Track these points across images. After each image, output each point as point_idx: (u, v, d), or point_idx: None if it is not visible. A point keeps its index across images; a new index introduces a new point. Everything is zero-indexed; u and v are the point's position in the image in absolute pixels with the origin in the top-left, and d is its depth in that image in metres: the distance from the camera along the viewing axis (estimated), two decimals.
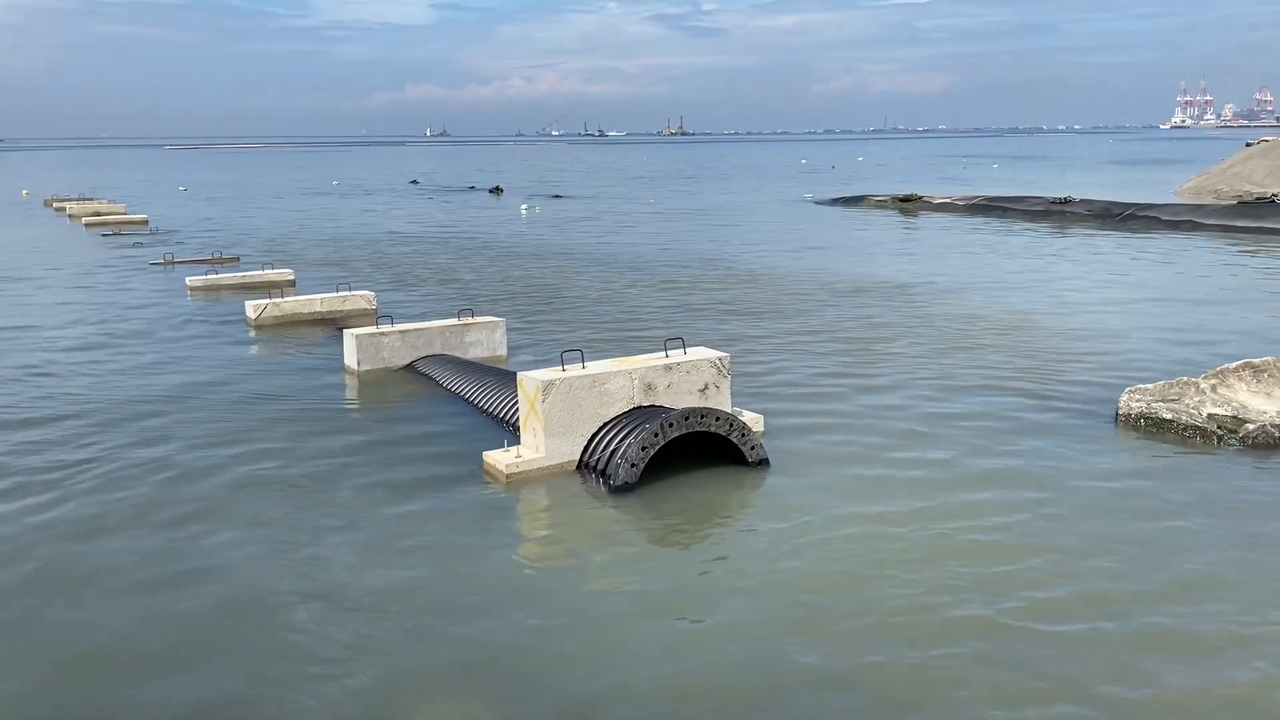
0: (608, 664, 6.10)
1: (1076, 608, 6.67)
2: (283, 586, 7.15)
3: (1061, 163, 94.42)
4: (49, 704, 5.77)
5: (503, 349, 14.62)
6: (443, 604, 6.89)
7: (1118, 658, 6.03)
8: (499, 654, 6.22)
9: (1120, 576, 7.11)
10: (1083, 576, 7.12)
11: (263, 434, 10.76)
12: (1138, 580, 7.05)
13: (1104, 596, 6.82)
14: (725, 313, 18.12)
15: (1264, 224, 30.50)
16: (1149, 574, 7.15)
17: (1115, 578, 7.09)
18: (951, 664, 6.00)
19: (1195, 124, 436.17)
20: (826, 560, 7.46)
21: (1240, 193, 40.18)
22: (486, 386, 11.74)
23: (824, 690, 5.78)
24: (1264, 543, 7.66)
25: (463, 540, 7.98)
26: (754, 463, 9.44)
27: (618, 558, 7.77)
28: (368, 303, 18.67)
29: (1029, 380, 12.59)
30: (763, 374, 13.07)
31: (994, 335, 15.50)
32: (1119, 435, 10.39)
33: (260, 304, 17.74)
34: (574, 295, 20.49)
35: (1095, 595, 6.84)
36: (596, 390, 9.55)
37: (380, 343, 13.67)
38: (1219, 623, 6.41)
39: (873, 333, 15.91)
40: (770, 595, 6.94)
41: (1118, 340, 15.09)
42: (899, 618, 6.56)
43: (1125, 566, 7.27)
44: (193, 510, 8.59)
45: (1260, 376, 10.69)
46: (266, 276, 22.14)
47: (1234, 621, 6.43)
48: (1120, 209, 35.42)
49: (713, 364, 10.19)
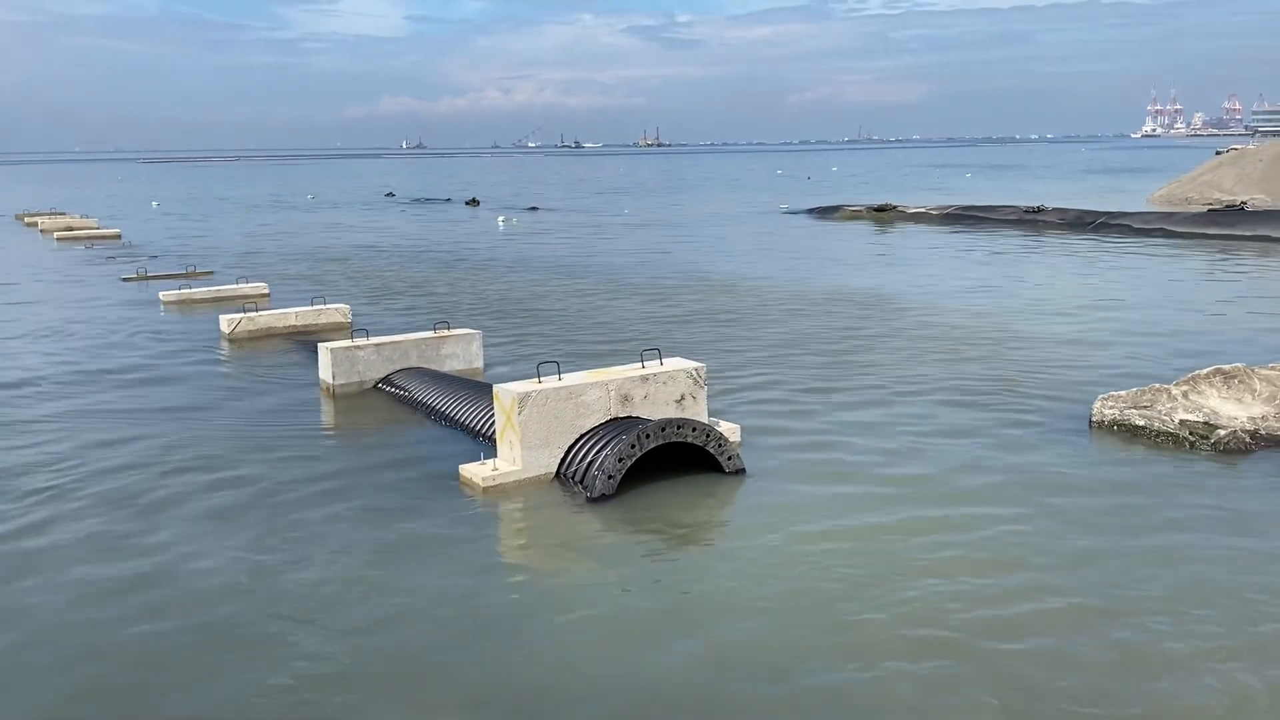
0: (581, 673, 6.08)
1: (1051, 621, 6.70)
2: (257, 602, 7.09)
3: (1034, 172, 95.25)
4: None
5: (479, 361, 14.57)
6: (419, 617, 6.84)
7: (1094, 673, 6.06)
8: (475, 664, 6.19)
9: (1097, 588, 7.15)
10: (1057, 589, 7.15)
11: (237, 448, 10.68)
12: (1115, 593, 7.09)
13: (1082, 609, 6.85)
14: (702, 323, 18.15)
15: (1233, 231, 30.87)
16: (1127, 585, 7.19)
17: (1092, 590, 7.13)
18: (922, 679, 6.01)
19: (1166, 133, 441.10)
20: (801, 570, 7.47)
21: (1210, 200, 40.66)
22: (463, 399, 11.70)
23: (793, 706, 5.78)
24: (1240, 553, 7.72)
25: (439, 553, 7.94)
26: (731, 472, 9.45)
27: (594, 569, 7.74)
28: (343, 316, 18.59)
29: (1002, 389, 12.66)
30: (739, 384, 13.09)
31: (968, 344, 15.59)
32: (1092, 442, 10.46)
33: (234, 318, 17.63)
34: (551, 307, 20.48)
35: (1073, 608, 6.87)
36: (573, 402, 9.54)
37: (355, 356, 13.60)
38: (1195, 635, 6.46)
39: (848, 343, 15.97)
40: (745, 605, 6.94)
41: (1090, 348, 15.21)
42: (870, 631, 6.57)
43: (1101, 578, 7.31)
44: (164, 527, 8.50)
45: (1231, 383, 10.79)
46: (240, 290, 22.01)
47: (1210, 633, 6.47)
48: (1092, 217, 35.76)
49: (689, 375, 10.19)
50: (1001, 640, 6.36)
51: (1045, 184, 68.23)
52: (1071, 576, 7.27)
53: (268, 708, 5.78)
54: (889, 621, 6.64)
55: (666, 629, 6.67)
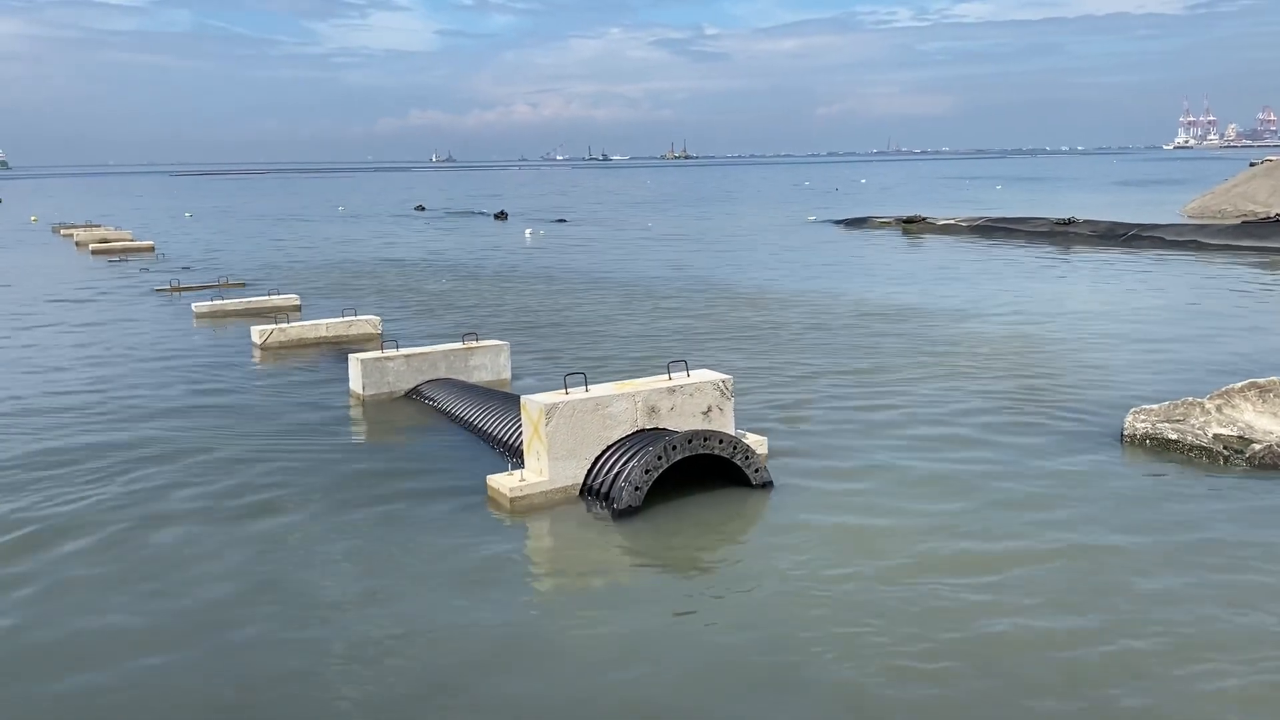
0: (609, 688, 6.07)
1: (1086, 638, 6.63)
2: (284, 609, 7.14)
3: (1065, 184, 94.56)
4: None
5: (507, 373, 14.63)
6: (445, 628, 6.87)
7: (1130, 687, 6.00)
8: (502, 679, 6.20)
9: (1130, 604, 7.07)
10: (1091, 606, 7.08)
11: (268, 458, 10.77)
12: (1151, 609, 7.02)
13: (1118, 625, 6.78)
14: (728, 335, 18.13)
15: (1268, 244, 30.49)
16: (1162, 601, 7.11)
17: (1127, 605, 7.05)
18: (954, 695, 5.97)
19: (1199, 144, 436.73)
20: (830, 586, 7.43)
21: (1244, 213, 40.21)
22: (490, 410, 11.75)
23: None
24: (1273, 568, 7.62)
25: (465, 564, 7.96)
26: (758, 485, 9.43)
27: (621, 582, 7.75)
28: (373, 327, 18.72)
29: (1033, 402, 12.56)
30: (767, 396, 13.06)
31: (998, 357, 15.49)
32: (1124, 456, 10.36)
33: (266, 329, 17.79)
34: (578, 319, 20.53)
35: (1110, 624, 6.80)
36: (600, 413, 9.55)
37: (385, 367, 13.70)
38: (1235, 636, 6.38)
39: (877, 355, 15.90)
40: (773, 620, 6.91)
41: (1122, 361, 15.07)
42: (903, 646, 6.53)
43: (1136, 589, 7.23)
44: (193, 538, 8.59)
45: (1266, 397, 10.66)
46: (272, 302, 22.21)
47: (1237, 642, 6.39)
48: (1124, 229, 35.45)
49: (716, 386, 10.19)
50: (1047, 652, 6.30)
51: (1076, 196, 67.71)
52: (1109, 587, 7.19)
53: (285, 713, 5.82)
54: (921, 640, 6.60)
55: (692, 646, 6.66)
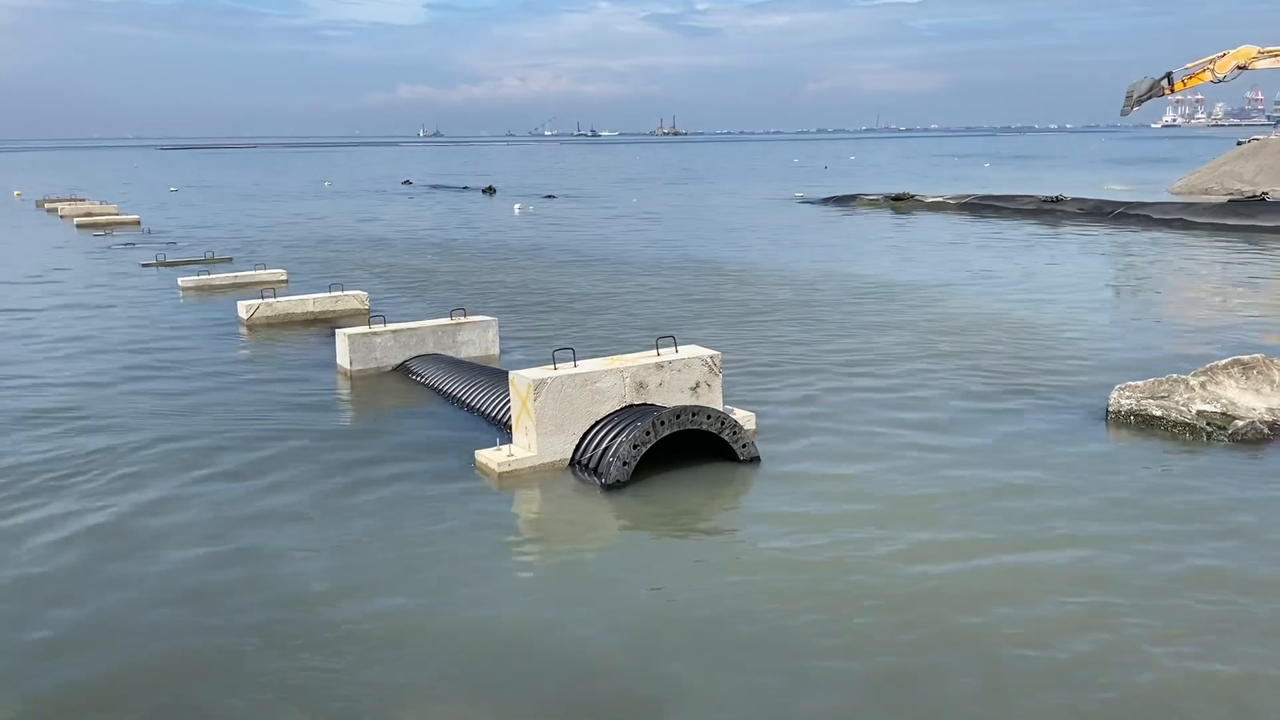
0: (600, 661, 6.12)
1: (1073, 617, 6.70)
2: (271, 586, 7.16)
3: (1053, 161, 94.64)
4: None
5: (495, 348, 14.63)
6: (434, 603, 6.90)
7: (1109, 663, 6.07)
8: (492, 653, 6.24)
9: (1118, 580, 7.15)
10: (1079, 580, 7.15)
11: (255, 434, 10.76)
12: (1135, 586, 7.09)
13: (1106, 609, 6.86)
14: (717, 311, 18.14)
15: (1254, 222, 30.62)
16: (1148, 573, 7.19)
17: (1112, 580, 7.12)
18: (939, 668, 6.03)
19: (1187, 122, 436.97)
20: (817, 559, 7.49)
21: (1231, 191, 40.32)
22: (479, 385, 11.75)
23: (817, 692, 5.81)
24: (1257, 544, 7.71)
25: (454, 539, 7.99)
26: (745, 460, 9.47)
27: (609, 556, 7.79)
28: (360, 302, 18.67)
29: (1020, 378, 12.63)
30: (754, 372, 13.10)
31: (984, 334, 15.55)
32: (1109, 433, 10.43)
33: (253, 304, 17.73)
34: (566, 294, 20.51)
35: (1097, 607, 6.88)
36: (588, 388, 9.57)
37: (372, 342, 13.67)
38: (1209, 618, 6.46)
39: (864, 331, 15.95)
40: (759, 593, 6.96)
41: (1108, 338, 15.15)
42: (886, 618, 6.59)
43: (1122, 567, 7.30)
44: (179, 512, 8.59)
45: (1249, 374, 10.74)
46: (259, 276, 22.12)
47: (1225, 620, 6.47)
48: (1111, 207, 35.53)
49: (704, 362, 10.21)
50: (1031, 625, 6.37)
51: (1064, 173, 67.81)
52: (1095, 561, 7.26)
53: (272, 689, 5.85)
54: (905, 611, 6.66)
55: (679, 618, 6.71)
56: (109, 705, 5.73)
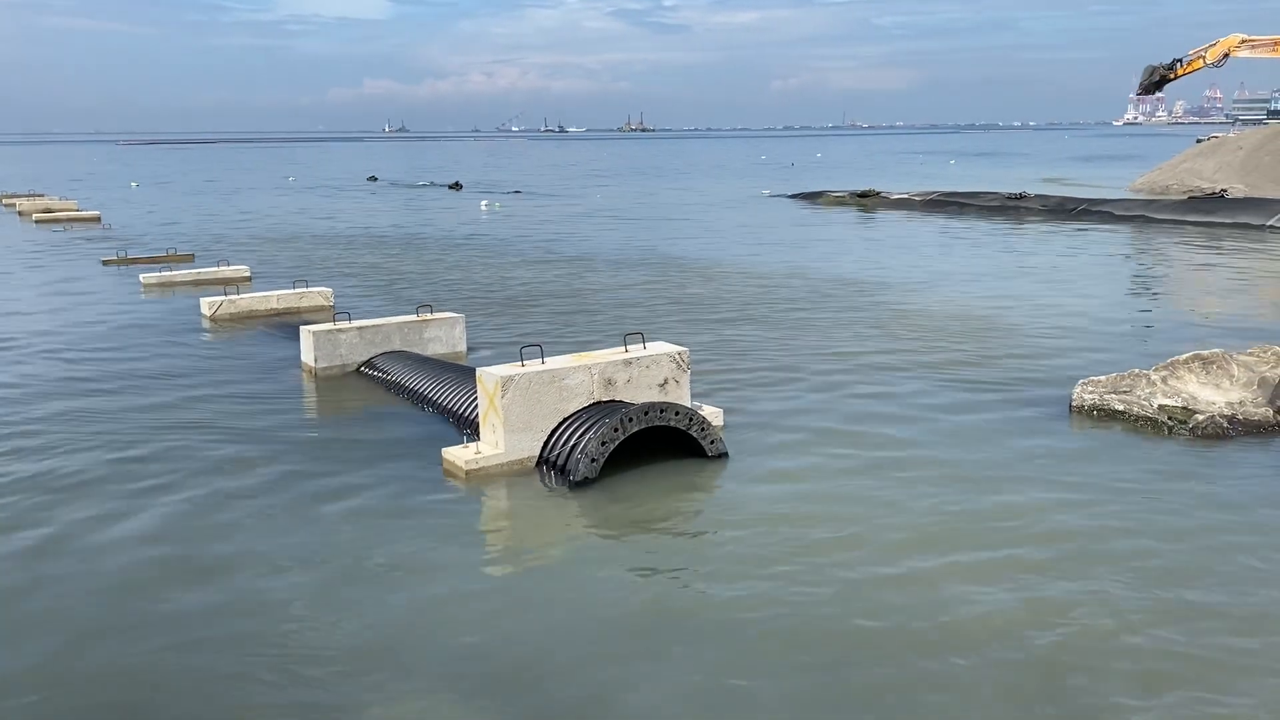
0: (566, 658, 6.10)
1: (1032, 609, 6.77)
2: (236, 584, 7.08)
3: (1017, 159, 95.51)
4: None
5: (462, 345, 14.55)
6: (401, 602, 6.85)
7: (1058, 653, 6.13)
8: (458, 652, 6.20)
9: (1079, 573, 7.21)
10: (1040, 573, 7.21)
11: (219, 432, 10.64)
12: (1104, 578, 7.16)
13: (1070, 597, 6.92)
14: (685, 308, 18.16)
15: (1213, 218, 31.07)
16: (1106, 567, 7.26)
17: (1073, 574, 7.19)
18: (911, 665, 6.07)
19: (1148, 120, 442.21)
20: (785, 553, 7.50)
21: (1190, 188, 40.88)
22: (445, 383, 11.68)
23: (783, 689, 5.82)
24: (1220, 536, 7.81)
25: (421, 538, 7.94)
26: (713, 456, 9.48)
27: (577, 553, 7.77)
28: (325, 299, 18.52)
29: (985, 373, 12.73)
30: (722, 368, 13.11)
31: (948, 330, 15.66)
32: (1072, 427, 10.54)
33: (216, 301, 17.54)
34: (534, 291, 20.45)
35: (1062, 597, 6.94)
36: (556, 386, 9.54)
37: (338, 339, 13.56)
38: (1164, 601, 6.54)
39: (831, 328, 16.01)
40: (728, 587, 6.97)
41: (1071, 333, 15.31)
42: (852, 612, 6.61)
43: (1082, 561, 7.37)
44: (140, 511, 8.47)
45: (1209, 368, 10.88)
46: (222, 273, 21.89)
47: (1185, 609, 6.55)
48: (1074, 204, 35.92)
49: (672, 359, 10.21)
50: (990, 621, 6.42)
51: (1027, 171, 68.42)
52: (1055, 556, 7.32)
53: (228, 696, 5.79)
54: (873, 606, 6.69)
55: (649, 615, 6.70)
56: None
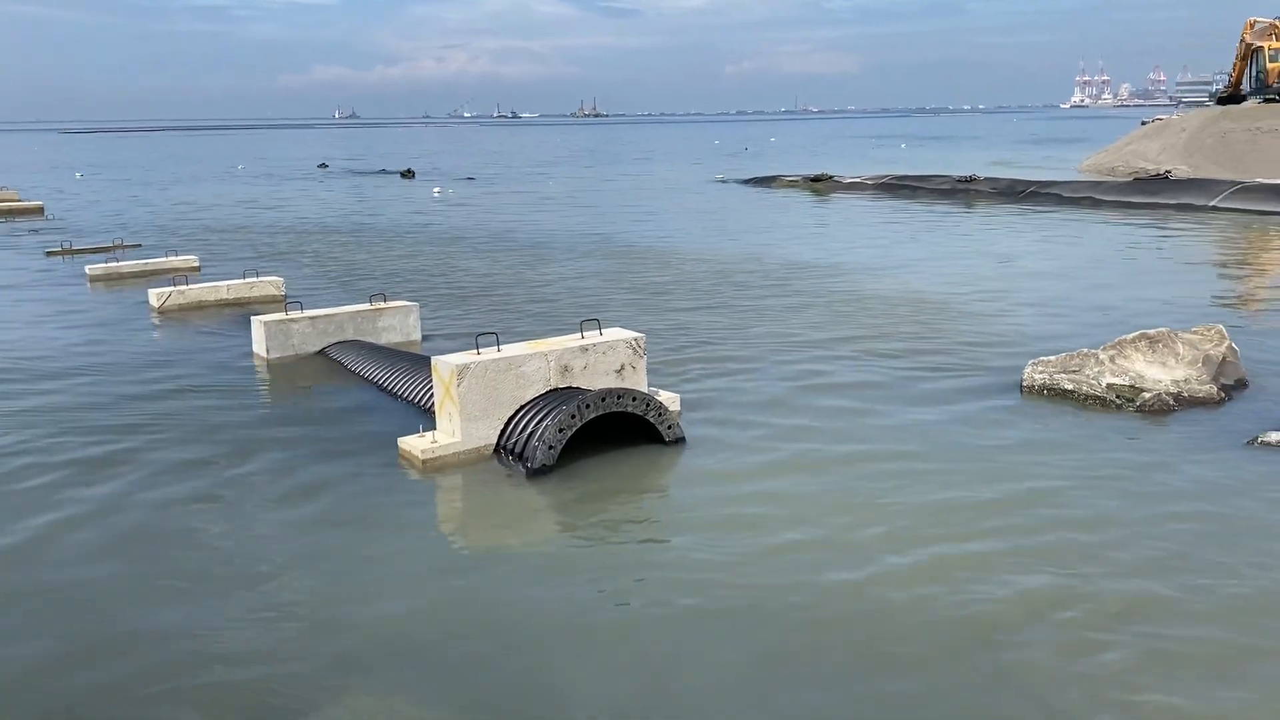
0: (525, 647, 6.11)
1: (1001, 592, 6.87)
2: (184, 576, 7.00)
3: (967, 142, 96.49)
4: None
5: (417, 334, 14.46)
6: (356, 594, 6.81)
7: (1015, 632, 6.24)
8: (415, 643, 6.18)
9: (1030, 554, 7.33)
10: (994, 551, 7.32)
11: (169, 424, 10.49)
12: (1052, 557, 7.29)
13: (1025, 576, 7.03)
14: (640, 294, 18.16)
15: (1158, 199, 31.61)
16: (1059, 543, 7.39)
17: (1024, 555, 7.31)
18: (866, 646, 6.14)
19: (1094, 103, 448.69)
20: (742, 538, 7.56)
21: (1135, 170, 41.53)
22: (400, 372, 11.61)
23: (737, 677, 5.87)
24: (1164, 515, 7.97)
25: (377, 528, 7.89)
26: (671, 441, 9.51)
27: (535, 540, 7.77)
28: (276, 289, 18.30)
29: (936, 355, 12.87)
30: (678, 354, 13.15)
31: (903, 311, 15.81)
32: (1023, 406, 10.70)
33: (164, 291, 17.27)
34: (488, 278, 20.35)
35: (1019, 576, 7.05)
36: (512, 373, 9.51)
37: (290, 329, 13.41)
38: (1114, 582, 6.68)
39: (786, 312, 16.10)
40: (686, 574, 7.01)
41: (1021, 314, 15.52)
42: (810, 595, 6.68)
43: (1032, 541, 7.49)
44: (89, 503, 8.34)
45: (1155, 347, 11.09)
46: (170, 263, 21.53)
47: (1131, 586, 6.69)
48: (1023, 186, 36.36)
49: (629, 345, 10.21)
50: (943, 597, 6.51)
51: (977, 154, 69.12)
52: (1008, 531, 7.44)
53: (182, 688, 5.73)
54: (830, 586, 6.76)
55: (606, 603, 6.72)
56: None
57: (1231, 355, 11.21)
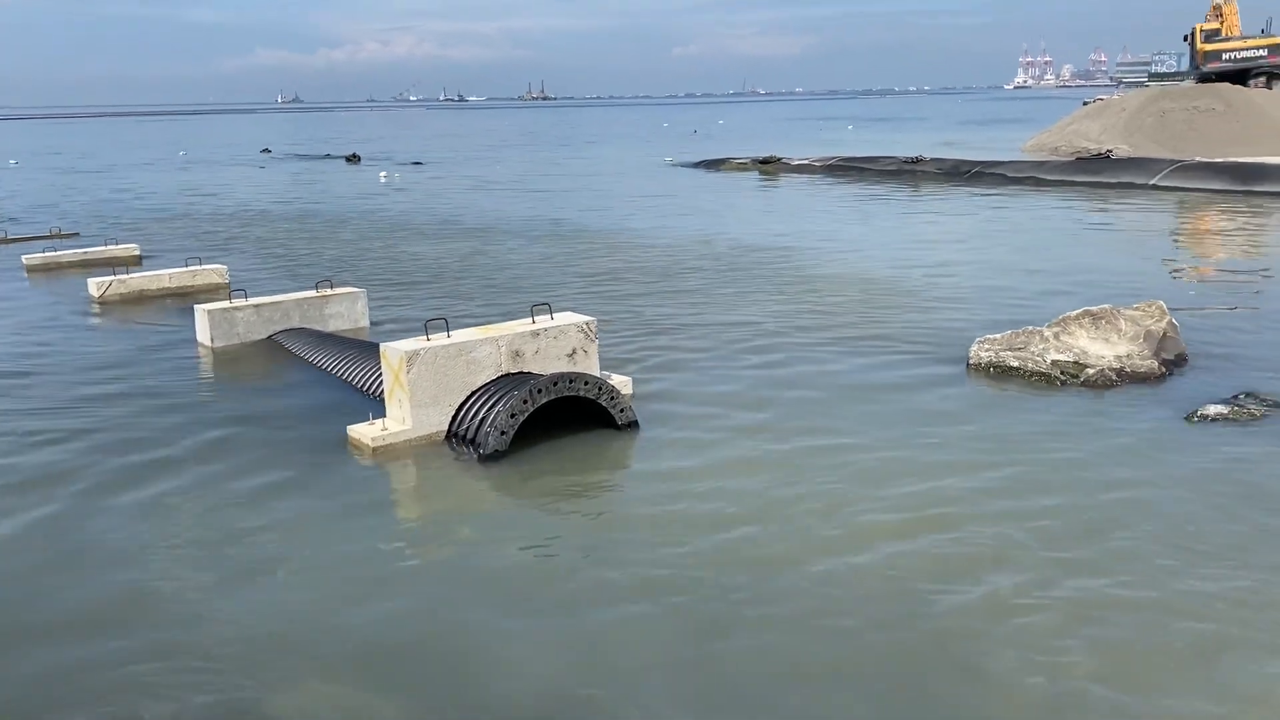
0: (476, 635, 6.08)
1: (939, 564, 6.96)
2: (130, 569, 6.88)
3: (913, 123, 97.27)
4: None
5: (365, 320, 14.30)
6: (307, 583, 6.74)
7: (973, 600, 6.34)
8: (366, 631, 6.13)
9: (978, 525, 7.43)
10: (938, 526, 7.41)
11: (112, 415, 10.29)
12: (1001, 527, 7.40)
13: (969, 551, 7.13)
14: (591, 278, 18.11)
15: (1099, 178, 32.14)
16: (1003, 519, 7.50)
17: (971, 526, 7.41)
18: (819, 628, 6.20)
19: (1037, 84, 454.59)
20: (696, 520, 7.58)
21: (1077, 149, 42.13)
22: (348, 359, 11.48)
23: (680, 655, 5.90)
24: (1108, 484, 8.12)
25: (328, 517, 7.81)
26: (623, 425, 9.51)
27: (488, 526, 7.73)
28: (220, 277, 18.01)
29: (885, 336, 12.99)
30: (630, 337, 13.13)
31: (851, 292, 15.92)
32: (970, 384, 10.83)
33: (104, 281, 16.91)
34: (437, 264, 20.17)
35: (961, 550, 7.15)
36: (463, 359, 9.45)
37: (234, 317, 13.21)
38: (1059, 550, 6.80)
39: (736, 295, 16.15)
40: (639, 557, 7.02)
41: (968, 293, 15.70)
42: (765, 578, 6.72)
43: (981, 512, 7.60)
44: (30, 496, 8.17)
45: (1099, 323, 11.27)
46: (110, 252, 21.08)
47: (1080, 562, 6.82)
48: (968, 166, 36.75)
49: (580, 329, 10.18)
50: (884, 571, 6.58)
51: (923, 135, 69.71)
52: (955, 507, 7.54)
53: (137, 678, 5.64)
54: (774, 564, 6.81)
55: (557, 587, 6.71)
56: None
57: (1172, 331, 11.44)
